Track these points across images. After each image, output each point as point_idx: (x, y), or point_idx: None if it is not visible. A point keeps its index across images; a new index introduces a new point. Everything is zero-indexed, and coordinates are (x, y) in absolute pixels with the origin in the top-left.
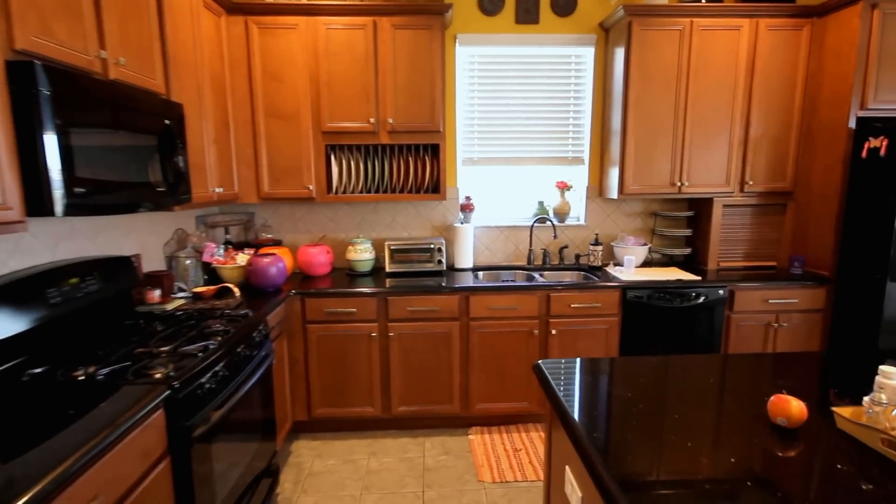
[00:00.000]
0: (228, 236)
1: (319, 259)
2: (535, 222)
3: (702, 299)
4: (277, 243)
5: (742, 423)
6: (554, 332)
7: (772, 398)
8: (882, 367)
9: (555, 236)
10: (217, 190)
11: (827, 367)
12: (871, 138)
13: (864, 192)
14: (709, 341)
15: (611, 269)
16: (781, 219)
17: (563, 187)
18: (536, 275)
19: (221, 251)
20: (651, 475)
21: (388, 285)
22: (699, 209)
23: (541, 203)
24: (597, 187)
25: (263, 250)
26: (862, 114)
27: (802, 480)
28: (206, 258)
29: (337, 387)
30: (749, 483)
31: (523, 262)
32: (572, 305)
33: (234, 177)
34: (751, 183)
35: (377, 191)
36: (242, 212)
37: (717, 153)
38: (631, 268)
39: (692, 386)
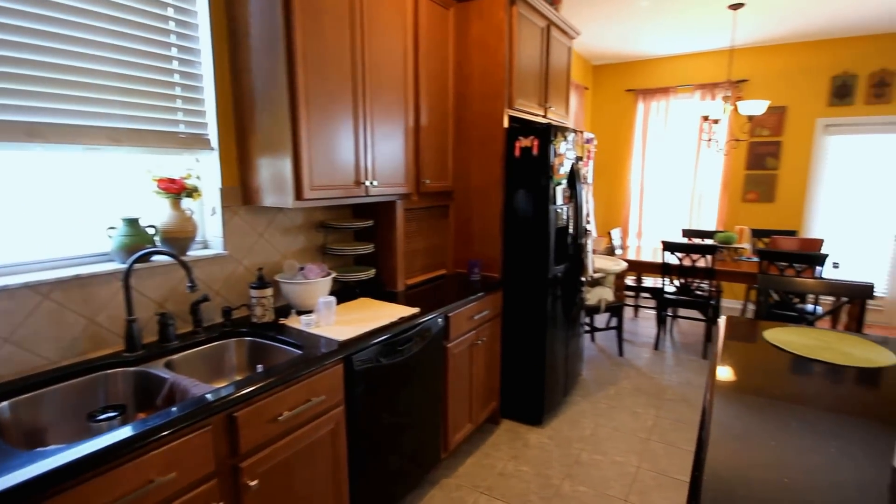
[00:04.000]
0: None
1: None
2: (133, 263)
3: (427, 337)
4: None
5: None
6: (253, 483)
7: None
8: None
9: (191, 286)
10: None
11: None
12: (521, 137)
13: (522, 190)
14: (435, 386)
15: (298, 325)
16: (446, 222)
17: (175, 191)
18: (160, 371)
19: None
20: None
21: None
22: (377, 217)
23: (133, 222)
24: (238, 190)
25: None
26: (511, 112)
27: None
28: None
29: None
30: None
31: (118, 347)
32: (279, 418)
33: None
34: (427, 182)
35: None
36: None
37: (397, 142)
38: (331, 315)
39: None
